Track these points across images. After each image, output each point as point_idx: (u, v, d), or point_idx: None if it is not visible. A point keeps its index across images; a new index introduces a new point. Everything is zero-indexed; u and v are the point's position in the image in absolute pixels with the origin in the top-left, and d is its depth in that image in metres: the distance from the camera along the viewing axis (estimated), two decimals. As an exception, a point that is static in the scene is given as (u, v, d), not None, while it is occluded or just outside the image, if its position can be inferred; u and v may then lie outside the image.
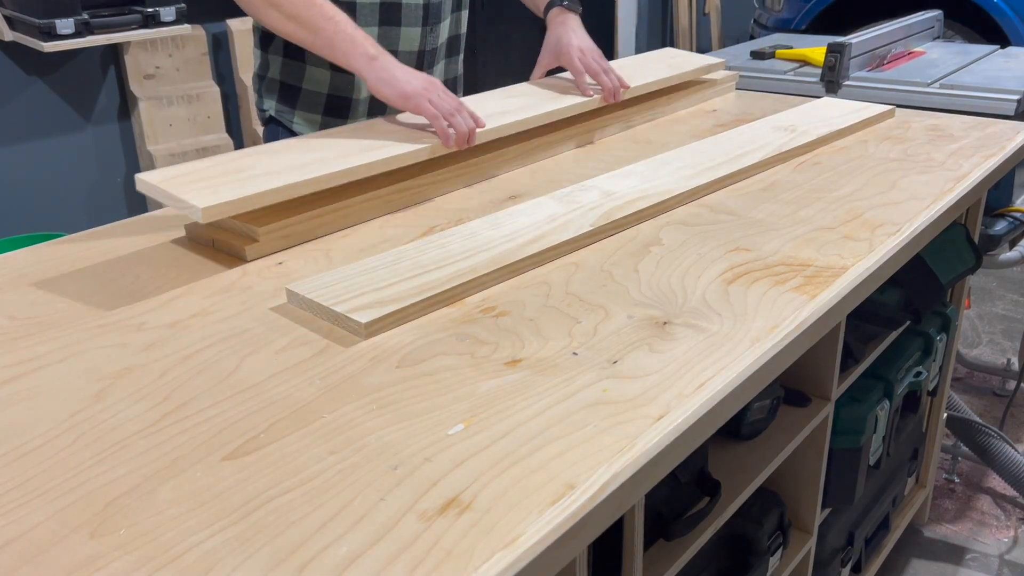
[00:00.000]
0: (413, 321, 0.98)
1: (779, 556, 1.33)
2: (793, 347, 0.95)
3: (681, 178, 1.34)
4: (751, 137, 1.54)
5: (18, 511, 0.70)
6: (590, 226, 1.18)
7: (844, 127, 1.61)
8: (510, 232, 1.16)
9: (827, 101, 1.78)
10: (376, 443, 0.77)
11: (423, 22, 1.53)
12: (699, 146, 1.50)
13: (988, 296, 3.20)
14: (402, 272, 1.05)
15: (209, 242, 1.20)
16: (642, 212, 1.24)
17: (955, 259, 1.55)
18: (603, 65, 1.60)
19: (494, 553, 0.64)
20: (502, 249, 1.11)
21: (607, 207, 1.23)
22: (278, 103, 1.56)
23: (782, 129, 1.58)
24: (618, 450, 0.75)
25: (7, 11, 2.67)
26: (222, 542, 0.66)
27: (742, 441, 1.23)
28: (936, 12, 2.57)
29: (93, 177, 3.05)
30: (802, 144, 1.51)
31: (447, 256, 1.09)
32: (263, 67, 1.56)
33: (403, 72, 1.33)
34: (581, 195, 1.28)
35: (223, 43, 3.25)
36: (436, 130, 1.33)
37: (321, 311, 0.99)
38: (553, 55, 1.62)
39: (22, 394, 0.86)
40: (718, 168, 1.38)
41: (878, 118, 1.70)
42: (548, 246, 1.12)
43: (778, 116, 1.67)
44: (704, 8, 5.22)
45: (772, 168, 1.44)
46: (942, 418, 1.94)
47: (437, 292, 1.01)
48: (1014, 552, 2.03)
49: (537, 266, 1.11)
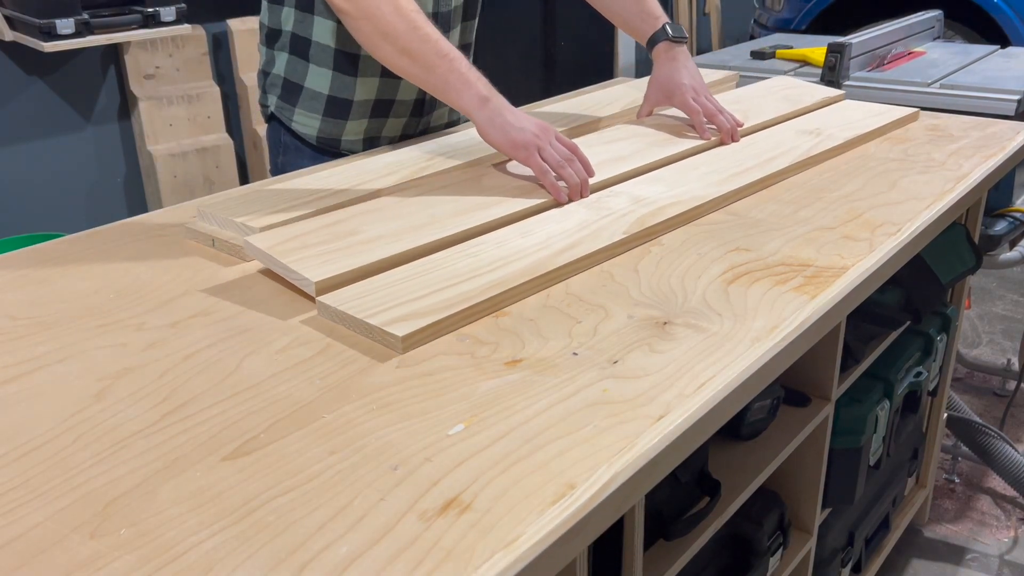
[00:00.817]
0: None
1: (779, 556, 1.33)
2: (793, 347, 0.95)
3: (709, 184, 1.31)
4: (776, 141, 1.51)
5: (18, 511, 0.70)
6: (623, 234, 1.15)
7: (870, 130, 1.58)
8: (542, 240, 1.13)
9: (849, 103, 1.76)
10: (376, 443, 0.77)
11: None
12: (723, 151, 1.47)
13: (988, 296, 3.20)
14: (434, 283, 1.02)
15: (209, 242, 1.20)
16: (673, 220, 1.20)
17: (955, 259, 1.55)
18: (717, 105, 1.54)
19: (494, 553, 0.64)
20: (535, 258, 1.08)
21: (638, 214, 1.20)
22: (280, 100, 1.55)
23: (807, 133, 1.55)
24: (618, 450, 0.75)
25: (7, 11, 2.67)
26: (222, 542, 0.66)
27: (742, 441, 1.23)
28: (936, 12, 2.57)
29: (93, 177, 3.05)
30: (829, 148, 1.48)
31: (479, 266, 1.06)
32: (268, 63, 1.56)
33: (515, 118, 1.28)
34: (610, 201, 1.25)
35: (223, 43, 3.25)
36: (546, 185, 1.26)
37: (354, 323, 0.96)
38: (664, 94, 1.57)
39: (22, 394, 0.86)
40: (746, 174, 1.35)
41: (903, 121, 1.67)
42: (582, 255, 1.09)
43: (801, 119, 1.64)
44: (704, 8, 5.22)
45: (800, 173, 1.41)
46: (942, 418, 1.94)
47: (474, 303, 0.97)
48: (1014, 552, 2.03)
49: (572, 275, 1.08)
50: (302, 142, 1.56)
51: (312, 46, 1.48)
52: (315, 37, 1.47)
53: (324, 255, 1.07)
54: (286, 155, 1.58)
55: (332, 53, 1.48)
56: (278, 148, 1.60)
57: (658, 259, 1.12)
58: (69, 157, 3.00)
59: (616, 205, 1.24)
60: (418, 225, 1.16)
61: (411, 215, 1.20)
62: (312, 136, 1.54)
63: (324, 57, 1.48)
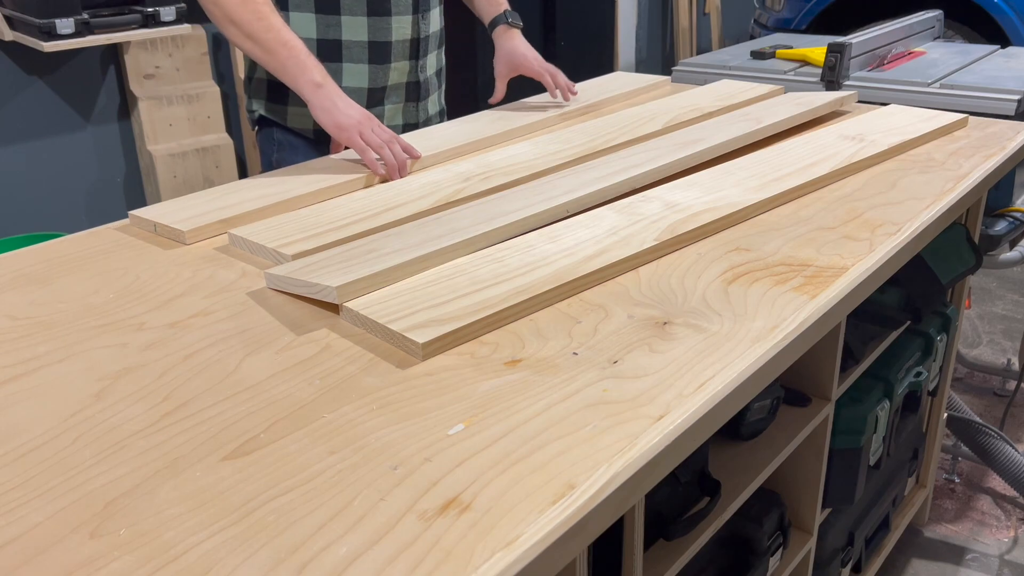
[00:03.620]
0: (413, 321, 0.97)
1: (779, 556, 1.33)
2: (793, 347, 0.95)
3: (747, 190, 1.28)
4: (817, 146, 1.47)
5: (18, 511, 0.70)
6: (654, 240, 1.11)
7: (915, 136, 1.53)
8: (569, 246, 1.11)
9: (894, 108, 1.72)
10: (376, 443, 0.77)
11: (413, 9, 1.56)
12: (763, 155, 1.44)
13: (988, 296, 3.20)
14: (459, 288, 1.00)
15: (151, 227, 1.20)
16: (706, 227, 1.17)
17: (955, 259, 1.55)
18: (553, 69, 1.78)
19: (494, 553, 0.64)
20: (561, 265, 1.05)
21: (670, 220, 1.17)
22: (268, 102, 1.57)
23: (849, 138, 1.51)
24: (618, 450, 0.75)
25: (7, 11, 2.67)
26: (222, 542, 0.66)
27: (742, 441, 1.23)
28: (936, 12, 2.57)
29: (93, 177, 3.05)
30: (872, 155, 1.44)
31: (504, 271, 1.04)
32: (251, 68, 1.58)
33: (344, 103, 1.40)
34: (642, 206, 1.23)
35: (223, 43, 3.25)
36: (365, 162, 1.40)
37: (376, 328, 0.95)
38: (511, 66, 1.75)
39: (22, 394, 0.86)
40: (785, 180, 1.32)
41: (950, 127, 1.62)
42: (609, 262, 1.06)
43: (844, 124, 1.61)
44: (704, 8, 5.22)
45: (842, 180, 1.38)
46: (942, 418, 1.94)
47: (497, 311, 0.95)
48: (1014, 552, 2.03)
49: (600, 283, 1.06)
50: (299, 137, 1.57)
51: None
52: (295, 30, 1.48)
53: (345, 267, 1.05)
54: (281, 152, 1.60)
55: (315, 44, 1.50)
56: (271, 147, 1.61)
57: (658, 259, 1.12)
58: (69, 157, 2.99)
59: (648, 210, 1.21)
60: (439, 236, 1.13)
61: (430, 231, 1.16)
62: (310, 129, 1.56)
63: (308, 48, 1.49)
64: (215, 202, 1.31)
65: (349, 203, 1.30)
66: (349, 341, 0.94)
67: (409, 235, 1.14)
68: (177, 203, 1.32)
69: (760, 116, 1.62)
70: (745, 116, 1.63)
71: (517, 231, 1.17)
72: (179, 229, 1.21)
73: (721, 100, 1.79)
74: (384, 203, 1.29)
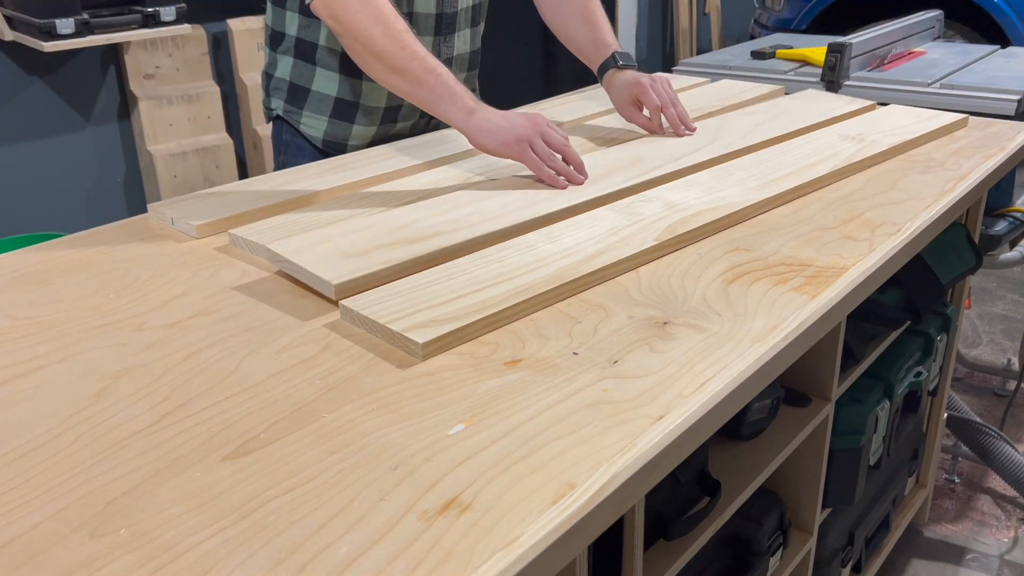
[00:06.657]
0: (413, 321, 0.97)
1: (779, 556, 1.33)
2: (793, 347, 0.95)
3: (747, 189, 1.28)
4: (817, 146, 1.47)
5: (18, 511, 0.70)
6: (654, 240, 1.12)
7: (915, 136, 1.53)
8: (570, 246, 1.11)
9: (894, 108, 1.72)
10: (376, 443, 0.77)
11: (435, 31, 1.53)
12: (763, 155, 1.44)
13: (988, 296, 3.20)
14: (459, 288, 1.00)
15: (169, 220, 1.20)
16: (706, 227, 1.17)
17: (955, 259, 1.55)
18: (672, 96, 1.56)
19: (494, 553, 0.64)
20: (562, 265, 1.05)
21: (671, 220, 1.18)
22: (286, 103, 1.56)
23: (849, 138, 1.51)
24: (618, 450, 0.75)
25: (7, 11, 2.67)
26: (222, 542, 0.66)
27: (742, 441, 1.23)
28: (936, 12, 2.57)
29: (93, 177, 3.05)
30: (872, 155, 1.44)
31: (505, 271, 1.04)
32: (271, 66, 1.56)
33: (502, 119, 1.31)
34: (643, 206, 1.23)
35: (223, 43, 3.25)
36: (543, 178, 1.30)
37: (376, 328, 0.94)
38: (630, 100, 1.57)
39: (22, 394, 0.86)
40: (785, 180, 1.32)
41: (951, 127, 1.62)
42: (609, 262, 1.06)
43: (844, 124, 1.61)
44: (704, 8, 5.22)
45: (842, 180, 1.38)
46: (942, 418, 1.94)
47: (497, 311, 0.95)
48: (1014, 552, 2.03)
49: (600, 283, 1.06)
50: (306, 142, 1.57)
51: (319, 50, 1.49)
52: (321, 41, 1.48)
53: (345, 259, 1.05)
54: (287, 154, 1.59)
55: (339, 56, 1.48)
56: (280, 147, 1.61)
57: (658, 259, 1.12)
58: (69, 157, 2.99)
59: (648, 210, 1.21)
60: (460, 217, 1.15)
61: (454, 209, 1.18)
62: (318, 139, 1.55)
63: (331, 60, 1.49)
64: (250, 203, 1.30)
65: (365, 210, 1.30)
66: (349, 341, 0.94)
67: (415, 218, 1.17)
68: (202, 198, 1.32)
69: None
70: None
71: (517, 232, 1.17)
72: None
73: (721, 100, 1.79)
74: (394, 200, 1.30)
